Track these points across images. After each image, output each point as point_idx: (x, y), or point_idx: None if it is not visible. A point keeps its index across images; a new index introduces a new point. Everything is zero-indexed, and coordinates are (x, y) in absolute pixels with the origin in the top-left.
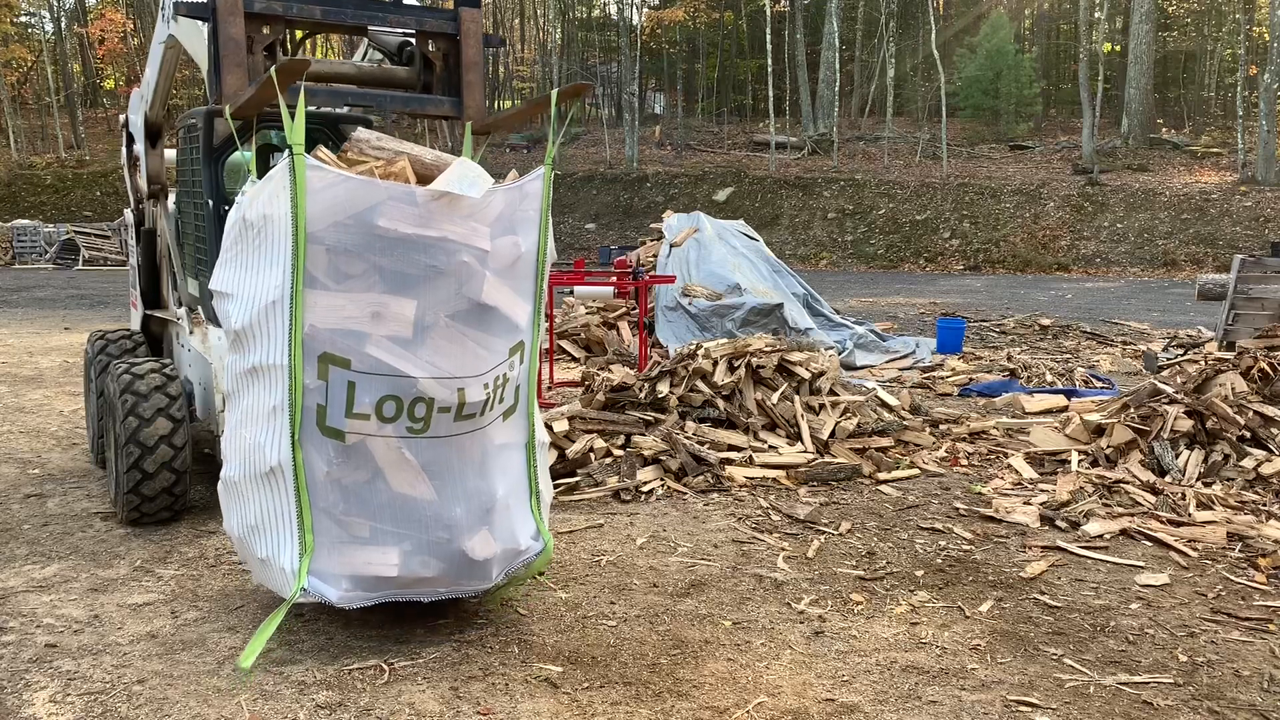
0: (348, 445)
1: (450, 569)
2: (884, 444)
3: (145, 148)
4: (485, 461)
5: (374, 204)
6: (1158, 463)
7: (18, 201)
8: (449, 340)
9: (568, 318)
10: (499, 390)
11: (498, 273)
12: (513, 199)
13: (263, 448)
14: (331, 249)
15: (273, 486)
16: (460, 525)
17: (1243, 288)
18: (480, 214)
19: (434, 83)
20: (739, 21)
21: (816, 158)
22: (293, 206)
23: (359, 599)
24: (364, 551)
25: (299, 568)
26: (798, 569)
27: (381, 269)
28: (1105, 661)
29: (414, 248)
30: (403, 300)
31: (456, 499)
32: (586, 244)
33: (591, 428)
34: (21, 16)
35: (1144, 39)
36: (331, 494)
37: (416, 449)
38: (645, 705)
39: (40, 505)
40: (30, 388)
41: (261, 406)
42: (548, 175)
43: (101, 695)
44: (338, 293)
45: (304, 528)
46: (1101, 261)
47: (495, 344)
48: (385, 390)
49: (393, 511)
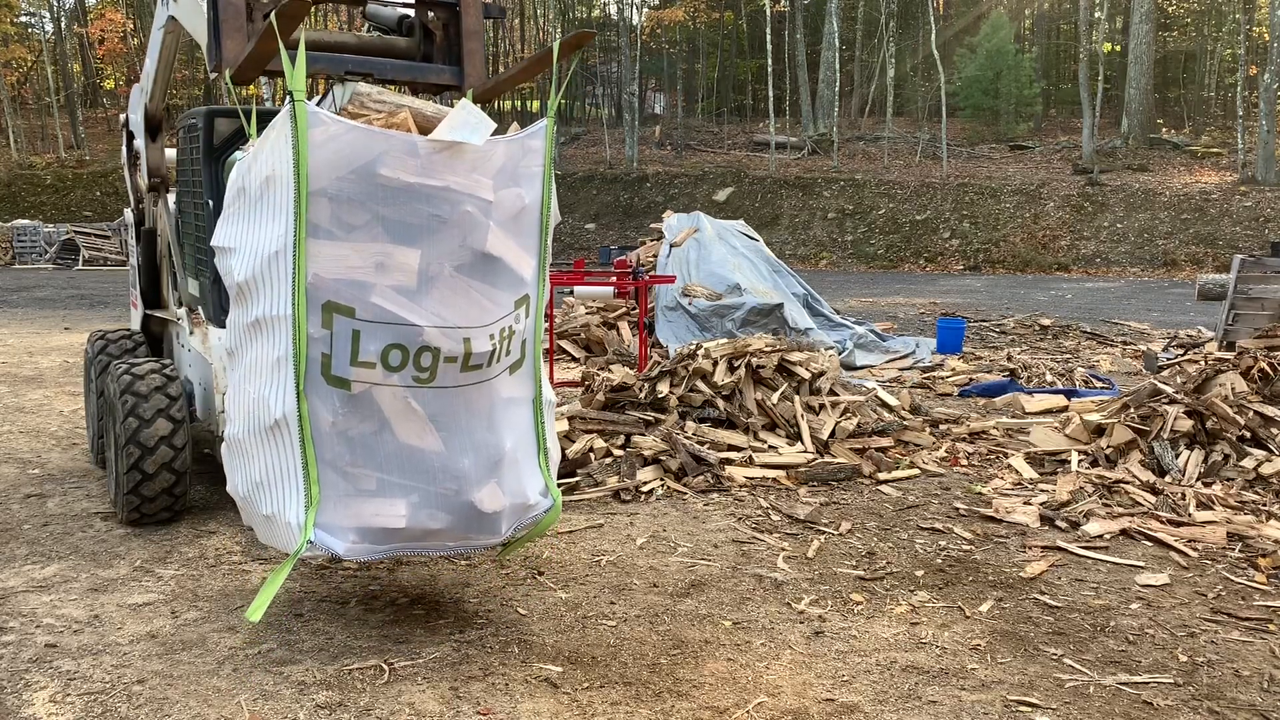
0: (353, 395)
1: (459, 521)
2: (884, 444)
3: (145, 142)
4: (493, 414)
5: (377, 154)
6: (1158, 463)
7: (18, 201)
8: (454, 291)
9: (568, 318)
10: (505, 343)
11: (501, 224)
12: (515, 152)
13: (267, 401)
14: (334, 199)
15: (277, 440)
16: (469, 477)
17: (1243, 288)
18: (483, 165)
19: (434, 52)
20: (739, 21)
21: (816, 158)
22: (295, 155)
23: (366, 552)
24: (371, 503)
25: (305, 521)
26: (798, 569)
27: (385, 219)
28: (1105, 661)
29: (417, 197)
30: (407, 250)
31: (464, 450)
32: (586, 244)
33: (591, 428)
34: (21, 16)
35: (1144, 39)
36: (337, 445)
37: (423, 399)
38: (645, 705)
39: (40, 505)
40: (30, 388)
41: (265, 359)
42: (550, 129)
43: (101, 695)
44: (342, 242)
45: (310, 480)
46: (1101, 261)
47: (500, 296)
48: (390, 339)
49: (400, 463)
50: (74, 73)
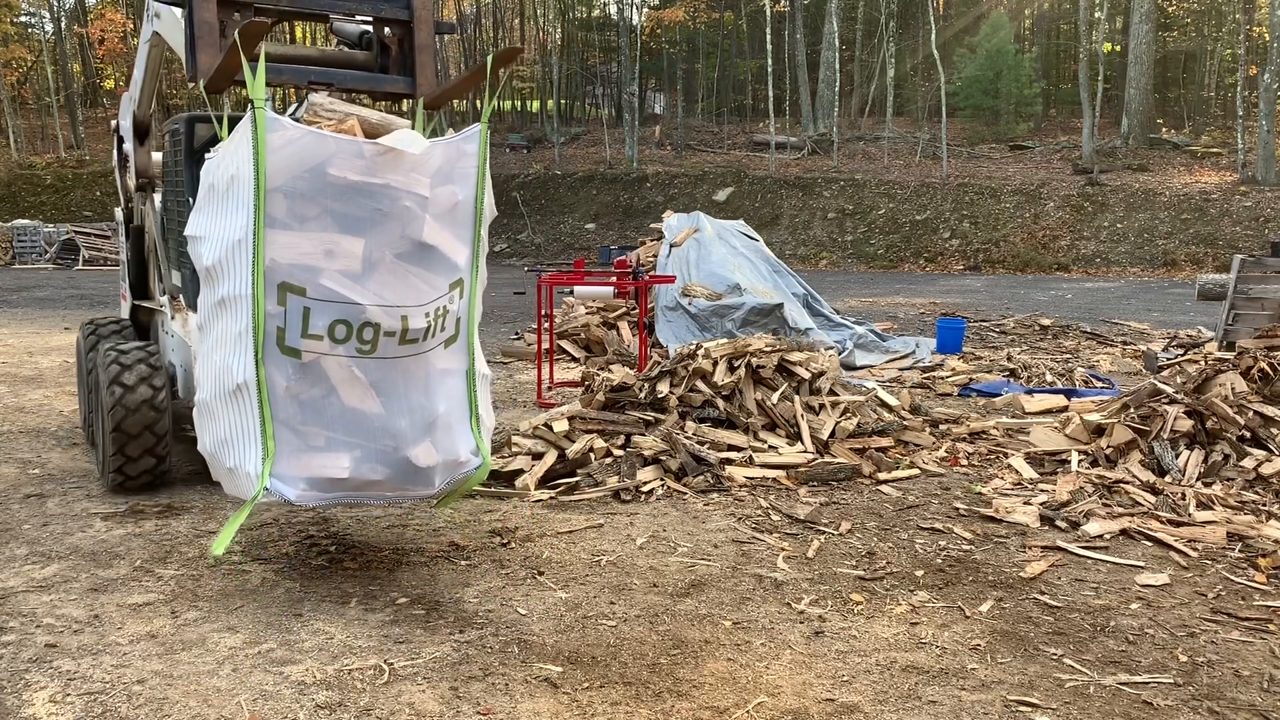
0: (304, 363)
1: (396, 474)
2: (884, 444)
3: (134, 145)
4: (428, 382)
5: (327, 156)
6: (1158, 463)
7: (18, 201)
8: (394, 274)
9: (568, 318)
10: (440, 320)
11: (437, 217)
12: (451, 154)
13: (230, 368)
14: (289, 194)
15: (239, 402)
16: (405, 436)
17: (1243, 288)
18: (421, 166)
19: (390, 64)
20: (739, 21)
21: (816, 158)
22: (255, 157)
23: (314, 498)
24: (319, 457)
25: (262, 471)
26: (798, 569)
27: (333, 212)
28: (1105, 661)
29: (362, 193)
30: (352, 239)
31: (402, 413)
32: (586, 244)
33: (591, 428)
34: (21, 16)
35: (1144, 39)
36: (290, 407)
37: (365, 368)
38: (645, 705)
39: (40, 505)
40: (30, 388)
41: (229, 332)
42: (483, 133)
43: (101, 695)
44: (296, 232)
45: (266, 436)
46: (1101, 261)
47: (435, 280)
48: (336, 315)
49: (345, 423)
50: (74, 73)
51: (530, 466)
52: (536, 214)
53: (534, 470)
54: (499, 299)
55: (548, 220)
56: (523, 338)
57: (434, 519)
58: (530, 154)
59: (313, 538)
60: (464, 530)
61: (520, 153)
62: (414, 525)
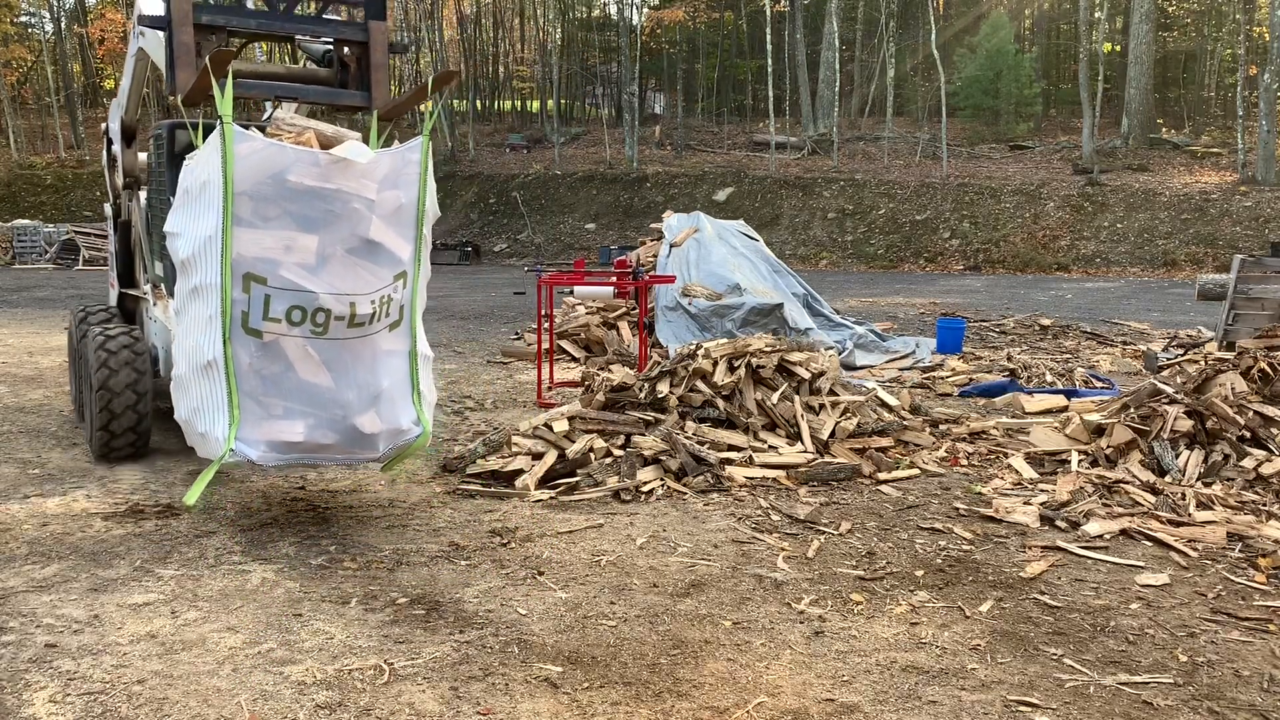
0: (265, 343)
1: (344, 439)
2: (884, 444)
3: (121, 147)
4: (374, 361)
5: (287, 164)
6: (1158, 463)
7: (18, 201)
8: (344, 267)
9: (568, 318)
10: (384, 306)
11: (383, 217)
12: (396, 162)
13: (202, 347)
14: (253, 197)
15: (209, 376)
16: (353, 406)
17: (1243, 288)
18: (369, 173)
19: (349, 80)
20: (739, 21)
21: (816, 158)
22: (223, 164)
23: (273, 459)
24: (278, 424)
25: (228, 435)
26: (798, 569)
27: (292, 213)
28: (1105, 661)
29: (317, 197)
30: (308, 236)
31: (350, 387)
32: (586, 244)
33: (591, 428)
34: (21, 16)
35: (1144, 39)
36: (253, 380)
37: (318, 347)
38: (645, 705)
39: (40, 504)
40: (30, 388)
41: (201, 316)
42: (425, 144)
43: (101, 695)
44: (259, 230)
45: (232, 406)
46: (1101, 261)
47: (381, 271)
48: (293, 302)
49: (300, 394)
50: (74, 73)
51: (530, 466)
52: (536, 214)
53: (534, 470)
54: (499, 299)
55: (548, 220)
56: (523, 338)
57: (434, 519)
58: (530, 154)
59: (313, 538)
60: (464, 530)
61: (520, 153)
62: (414, 525)
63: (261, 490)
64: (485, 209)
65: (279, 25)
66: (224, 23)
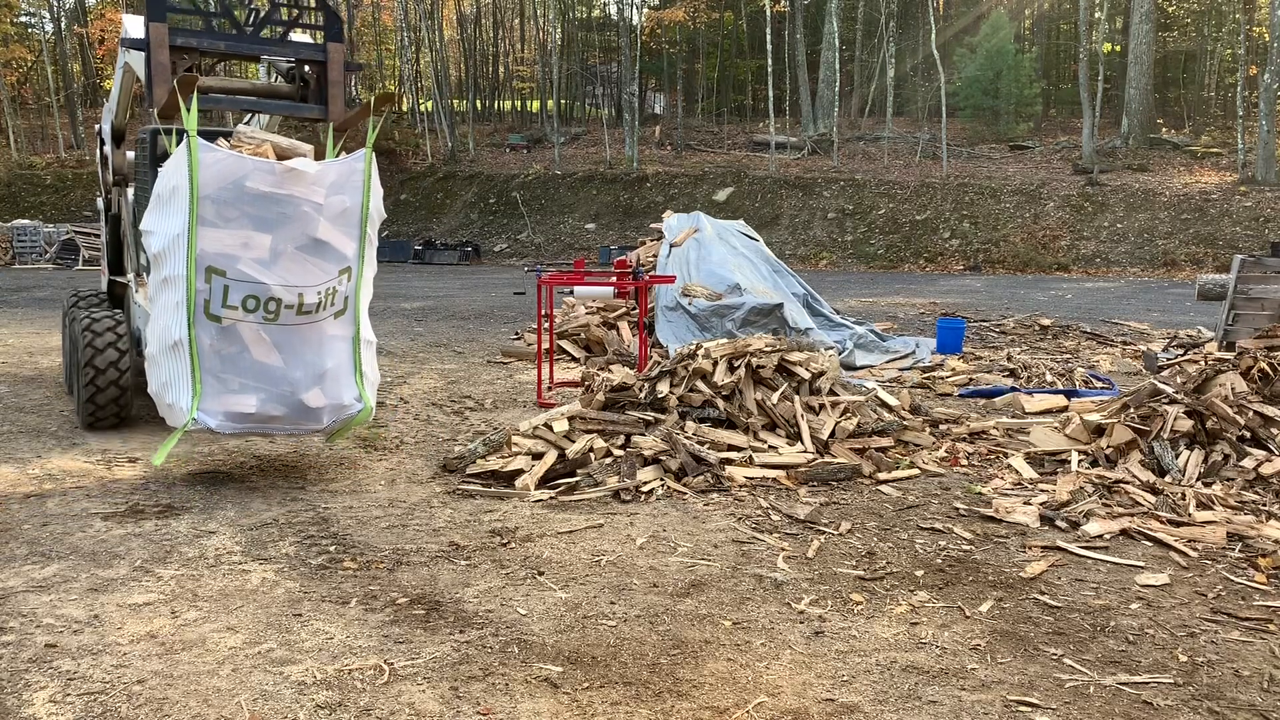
0: (224, 327)
1: (292, 412)
2: (884, 444)
3: (111, 147)
4: (320, 344)
5: (246, 172)
6: (1158, 463)
7: (18, 201)
8: (294, 262)
9: (568, 318)
10: (330, 297)
11: (330, 219)
12: (343, 171)
13: (170, 329)
14: (216, 201)
15: (176, 355)
16: (300, 383)
17: (1243, 288)
18: (319, 180)
19: (309, 95)
20: (739, 21)
21: (816, 158)
22: (189, 173)
23: (229, 427)
24: (234, 398)
25: (191, 406)
26: (798, 569)
27: (249, 215)
28: (1105, 661)
29: (271, 201)
30: (263, 235)
31: (297, 366)
32: (586, 244)
33: (591, 428)
34: (21, 16)
35: (1144, 39)
36: (213, 360)
37: (270, 332)
38: (645, 705)
39: (40, 505)
40: (30, 388)
41: (170, 302)
42: (368, 155)
43: (101, 695)
44: (220, 229)
45: (195, 381)
46: (1101, 261)
47: (328, 267)
48: (248, 292)
49: (254, 372)
50: (74, 73)
51: (530, 466)
52: (536, 214)
53: (534, 470)
54: (499, 299)
55: (548, 220)
56: (523, 338)
57: (434, 519)
58: (530, 154)
59: (313, 538)
60: (464, 530)
61: (520, 153)
62: (414, 525)
63: (261, 490)
64: (485, 209)
65: (246, 47)
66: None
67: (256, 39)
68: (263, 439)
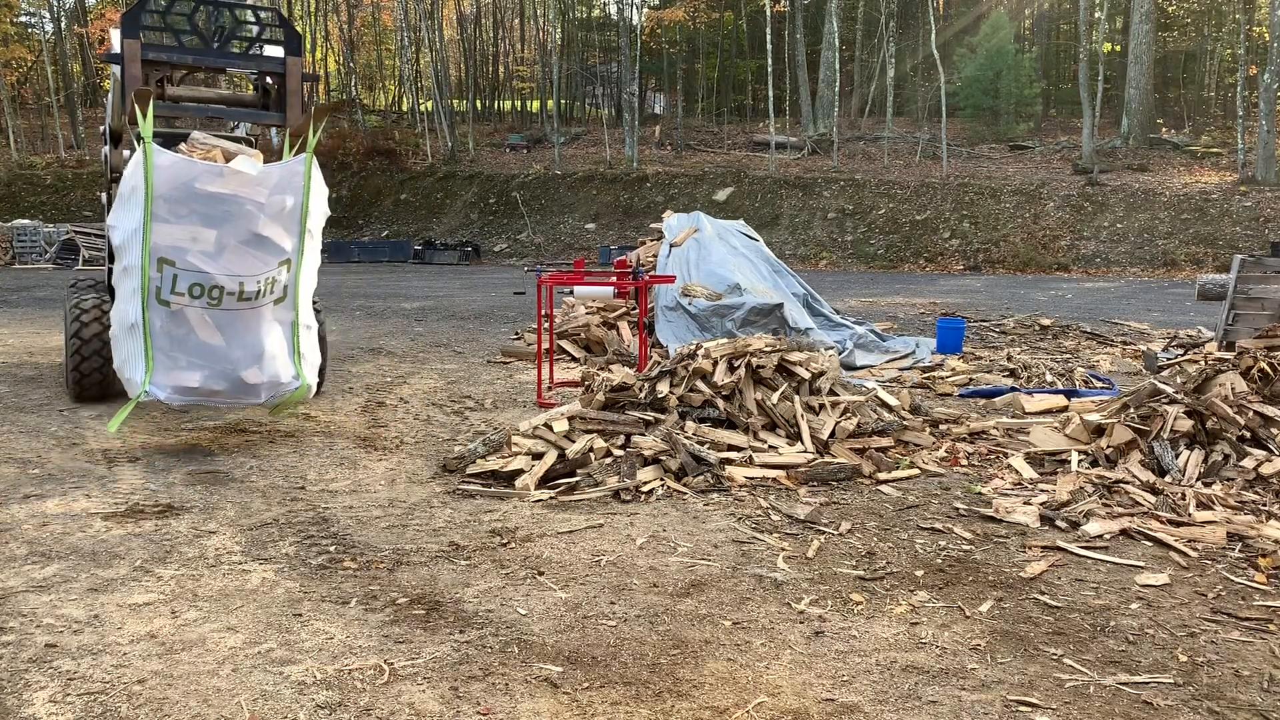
0: (172, 311)
1: (232, 388)
2: (884, 444)
3: (109, 148)
4: (259, 328)
5: (196, 174)
6: (1158, 463)
7: (18, 201)
8: (237, 254)
9: (568, 318)
10: (269, 286)
11: (271, 216)
12: (285, 173)
13: (128, 312)
14: (169, 200)
15: (133, 335)
16: (240, 362)
17: (1243, 288)
18: (262, 181)
19: (269, 103)
20: (739, 21)
21: (816, 158)
22: (145, 175)
23: (176, 399)
24: (181, 373)
25: (144, 380)
26: (798, 569)
27: (198, 212)
28: (1105, 661)
29: (218, 200)
30: (210, 230)
31: (238, 347)
32: (586, 244)
33: (591, 428)
34: (21, 16)
35: (1144, 39)
36: (164, 340)
37: (214, 316)
38: (645, 705)
39: (40, 505)
40: (30, 388)
41: (128, 289)
42: (309, 159)
43: (101, 695)
44: (172, 225)
45: (148, 358)
46: (1101, 261)
47: (268, 259)
48: (194, 280)
49: (199, 352)
50: (74, 73)
51: (530, 466)
52: (536, 214)
53: (534, 470)
54: (499, 299)
55: (548, 220)
56: (523, 338)
57: (434, 519)
58: (530, 154)
59: (312, 538)
60: (464, 530)
61: (520, 153)
62: (414, 525)
63: (261, 490)
64: (485, 209)
65: (212, 60)
66: (166, 59)
67: (222, 53)
68: (260, 438)
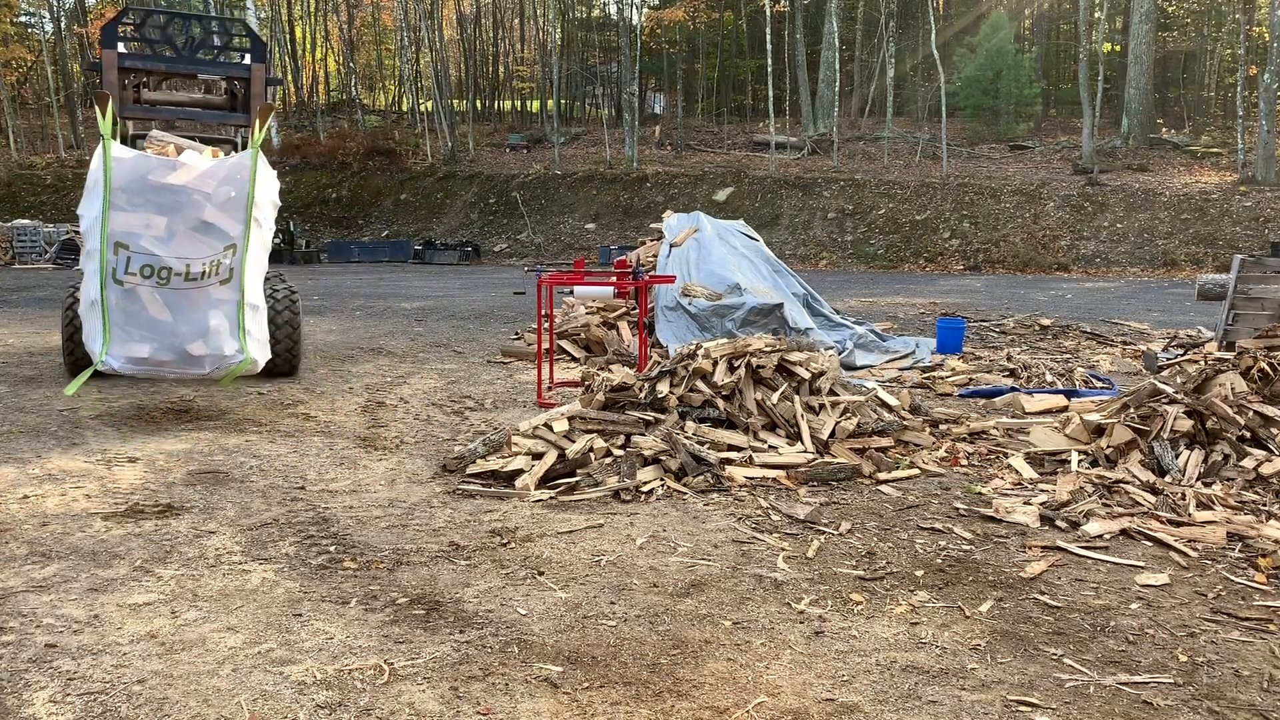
0: (126, 289)
1: (179, 359)
2: (884, 444)
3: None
4: (205, 306)
5: (150, 168)
6: (1158, 463)
7: (18, 201)
8: (186, 239)
9: (568, 318)
10: (215, 268)
11: (218, 206)
12: (231, 167)
13: (89, 291)
14: (126, 190)
15: (94, 311)
16: (186, 336)
17: (1243, 288)
18: (211, 174)
19: (236, 106)
20: (739, 21)
21: (816, 158)
22: (104, 169)
23: (130, 369)
24: (134, 345)
25: (101, 351)
26: (798, 569)
27: (151, 201)
28: (1105, 661)
29: (169, 190)
30: (161, 218)
31: (185, 322)
32: (586, 244)
33: (591, 428)
34: (21, 16)
35: (1144, 39)
36: (119, 315)
37: (163, 294)
38: (645, 705)
39: (40, 504)
40: (30, 388)
41: (91, 270)
42: (254, 153)
43: (101, 695)
44: (129, 213)
45: (105, 332)
46: (1101, 261)
47: (214, 244)
48: (146, 262)
49: (150, 327)
50: (74, 73)
51: (530, 466)
52: (536, 214)
53: (534, 470)
54: (499, 299)
55: (548, 220)
56: (523, 338)
57: (434, 519)
58: (530, 154)
59: (312, 538)
60: (464, 530)
61: (520, 153)
62: (414, 525)
63: (261, 490)
64: (485, 209)
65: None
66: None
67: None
68: (260, 438)
